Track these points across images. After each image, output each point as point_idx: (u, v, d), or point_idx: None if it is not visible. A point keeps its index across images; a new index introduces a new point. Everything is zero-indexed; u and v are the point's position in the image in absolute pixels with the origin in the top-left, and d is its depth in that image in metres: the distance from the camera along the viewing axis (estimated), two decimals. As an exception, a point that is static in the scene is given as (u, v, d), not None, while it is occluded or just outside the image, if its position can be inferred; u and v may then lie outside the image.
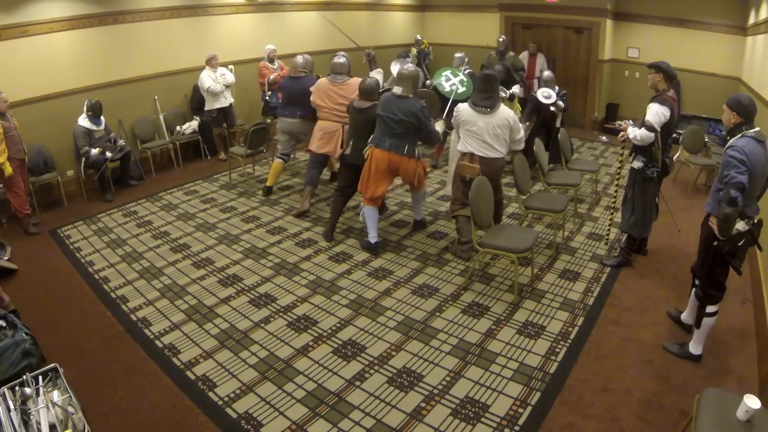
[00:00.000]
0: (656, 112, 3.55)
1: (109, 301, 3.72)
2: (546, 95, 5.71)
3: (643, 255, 4.29)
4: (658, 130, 3.56)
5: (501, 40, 7.47)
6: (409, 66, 4.22)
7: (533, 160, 5.46)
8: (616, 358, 3.06)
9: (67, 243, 4.66)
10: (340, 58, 4.85)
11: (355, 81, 4.70)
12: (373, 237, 4.31)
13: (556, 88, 5.80)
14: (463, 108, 3.95)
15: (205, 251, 4.42)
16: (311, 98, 4.95)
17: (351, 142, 4.39)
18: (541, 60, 8.21)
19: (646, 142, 3.59)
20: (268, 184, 5.66)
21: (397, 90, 4.04)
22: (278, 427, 2.56)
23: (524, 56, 8.12)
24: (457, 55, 6.65)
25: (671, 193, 5.45)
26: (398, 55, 8.31)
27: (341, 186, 4.56)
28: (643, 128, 3.59)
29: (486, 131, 3.85)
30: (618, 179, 4.26)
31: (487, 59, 7.48)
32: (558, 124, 5.82)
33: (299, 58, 5.32)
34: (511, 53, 7.59)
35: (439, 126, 4.31)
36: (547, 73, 5.90)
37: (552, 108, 5.68)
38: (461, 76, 5.67)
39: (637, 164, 3.74)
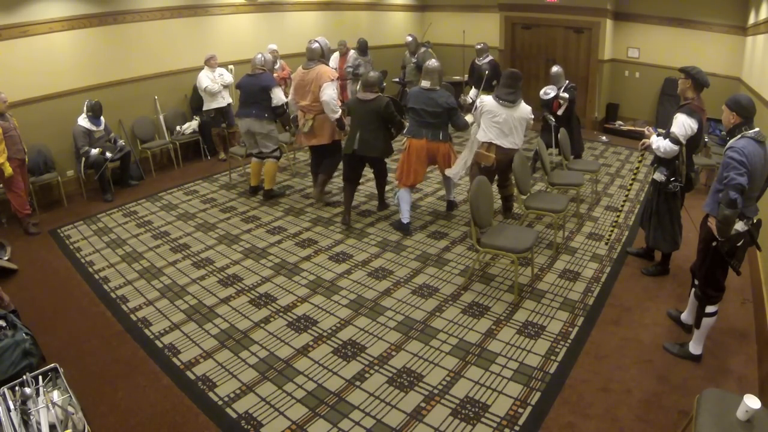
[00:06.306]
0: (682, 124, 3.33)
1: (109, 301, 3.72)
2: (546, 92, 5.81)
3: (664, 273, 3.96)
4: (683, 143, 3.36)
5: (410, 39, 7.81)
6: (433, 61, 4.50)
7: (535, 162, 5.47)
8: (616, 358, 3.06)
9: (67, 243, 4.67)
10: (313, 44, 4.85)
11: (324, 68, 4.77)
12: (405, 218, 4.54)
13: (567, 82, 5.82)
14: (488, 100, 4.20)
15: (205, 251, 4.42)
16: (290, 98, 5.08)
17: (358, 135, 4.44)
18: (352, 59, 7.79)
19: (670, 155, 3.40)
20: (252, 184, 5.62)
21: (425, 84, 4.37)
22: (278, 427, 2.56)
23: (335, 57, 7.56)
24: (478, 46, 7.15)
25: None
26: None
27: (347, 175, 4.71)
28: (667, 140, 3.39)
29: (507, 123, 4.12)
30: (630, 185, 4.11)
31: (403, 59, 7.82)
32: (562, 112, 5.82)
33: (258, 56, 5.22)
34: (423, 49, 7.70)
35: (469, 117, 4.59)
36: (555, 69, 5.86)
37: (560, 100, 5.73)
38: None
39: (659, 176, 3.55)
